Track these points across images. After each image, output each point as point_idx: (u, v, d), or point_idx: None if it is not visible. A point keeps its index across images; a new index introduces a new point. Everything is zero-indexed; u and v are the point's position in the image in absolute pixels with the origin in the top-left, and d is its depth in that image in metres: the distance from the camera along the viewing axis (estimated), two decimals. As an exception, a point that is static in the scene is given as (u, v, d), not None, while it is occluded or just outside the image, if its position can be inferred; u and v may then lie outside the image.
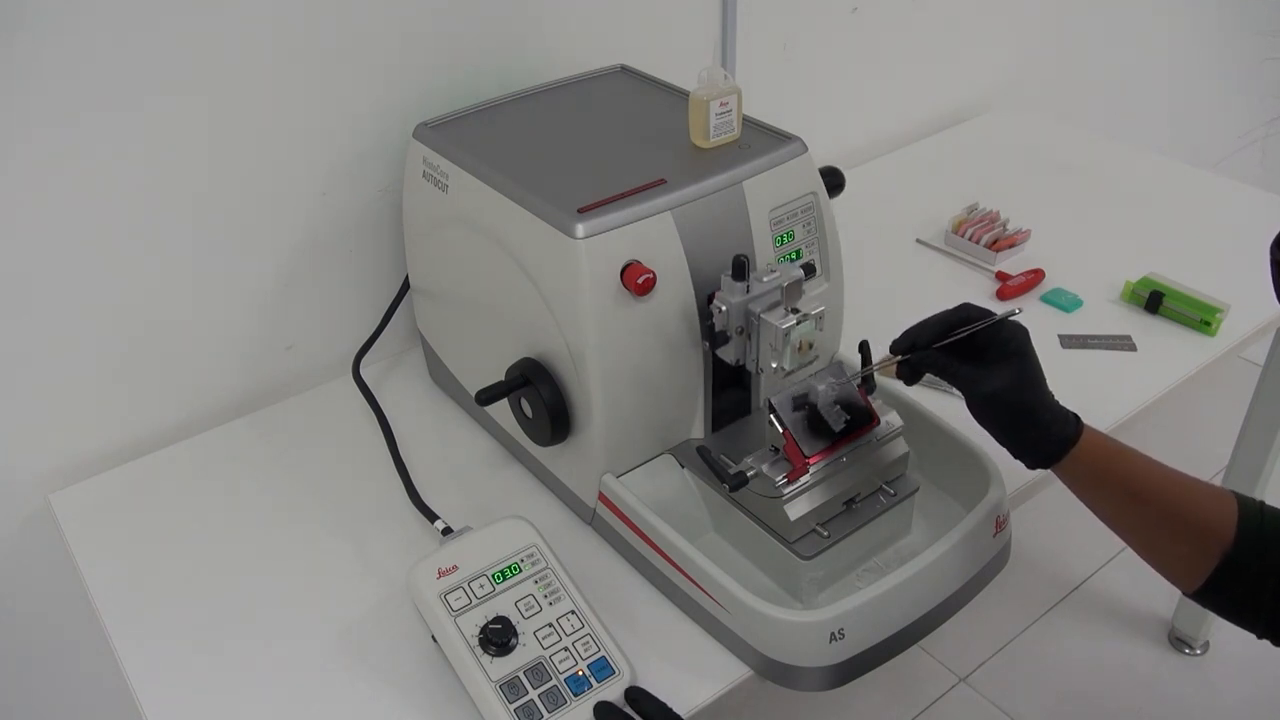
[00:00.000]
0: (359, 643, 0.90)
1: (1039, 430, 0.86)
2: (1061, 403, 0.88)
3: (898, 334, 0.91)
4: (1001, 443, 0.89)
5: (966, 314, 0.89)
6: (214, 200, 1.07)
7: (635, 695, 0.81)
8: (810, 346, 0.90)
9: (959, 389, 0.88)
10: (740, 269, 0.89)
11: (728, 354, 0.93)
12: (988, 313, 0.89)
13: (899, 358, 0.90)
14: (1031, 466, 0.89)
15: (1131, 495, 0.86)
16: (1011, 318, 0.88)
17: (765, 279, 0.91)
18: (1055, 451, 0.86)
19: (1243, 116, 2.60)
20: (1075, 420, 0.88)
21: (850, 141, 1.68)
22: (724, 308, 0.90)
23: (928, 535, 0.95)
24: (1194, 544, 0.84)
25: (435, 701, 0.85)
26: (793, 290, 0.91)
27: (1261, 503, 0.84)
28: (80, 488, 1.08)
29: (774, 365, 0.89)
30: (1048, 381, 0.88)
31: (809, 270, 0.94)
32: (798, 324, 0.88)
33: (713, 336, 0.92)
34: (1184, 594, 0.86)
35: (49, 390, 1.05)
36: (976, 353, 0.88)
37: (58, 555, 1.03)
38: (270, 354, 1.19)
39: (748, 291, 0.90)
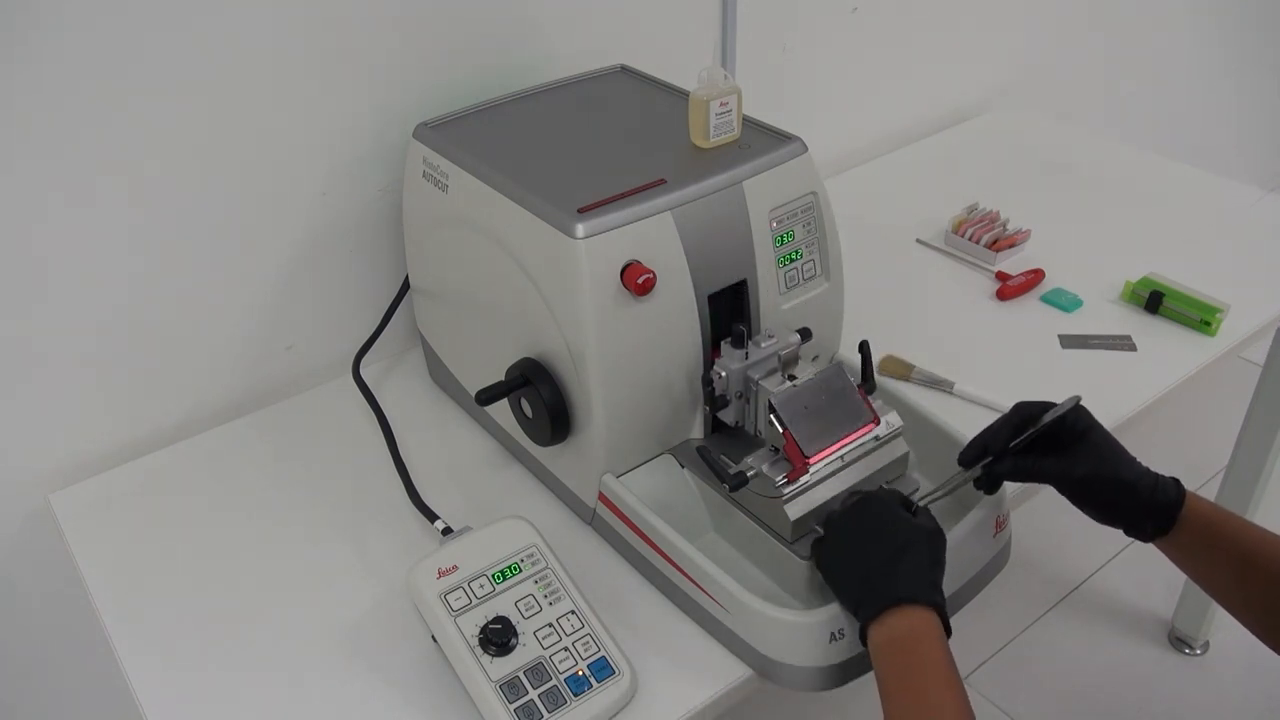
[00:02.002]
0: (359, 643, 0.90)
1: (1143, 496, 0.85)
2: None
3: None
4: (1110, 523, 0.87)
5: (1026, 412, 0.88)
6: (214, 200, 1.07)
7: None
8: None
9: (1050, 483, 0.87)
10: (740, 337, 0.92)
11: (727, 416, 0.96)
12: (1043, 405, 0.88)
13: (972, 472, 0.89)
14: (1146, 538, 0.87)
15: (1246, 563, 0.83)
16: (1074, 404, 0.87)
17: (764, 344, 0.93)
18: (1165, 516, 0.85)
19: (1243, 115, 2.60)
20: (1176, 484, 0.86)
21: (850, 141, 1.68)
22: (724, 373, 0.92)
23: (928, 535, 0.95)
24: None
25: (435, 701, 0.85)
26: (790, 357, 0.94)
27: None
28: (80, 488, 1.08)
29: None
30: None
31: (805, 335, 0.96)
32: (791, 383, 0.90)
33: (713, 401, 0.94)
34: None
35: (49, 390, 1.05)
36: (1049, 444, 0.87)
37: (58, 555, 1.03)
38: (270, 354, 1.19)
39: (746, 358, 0.92)
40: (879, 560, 0.79)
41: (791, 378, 0.91)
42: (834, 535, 0.84)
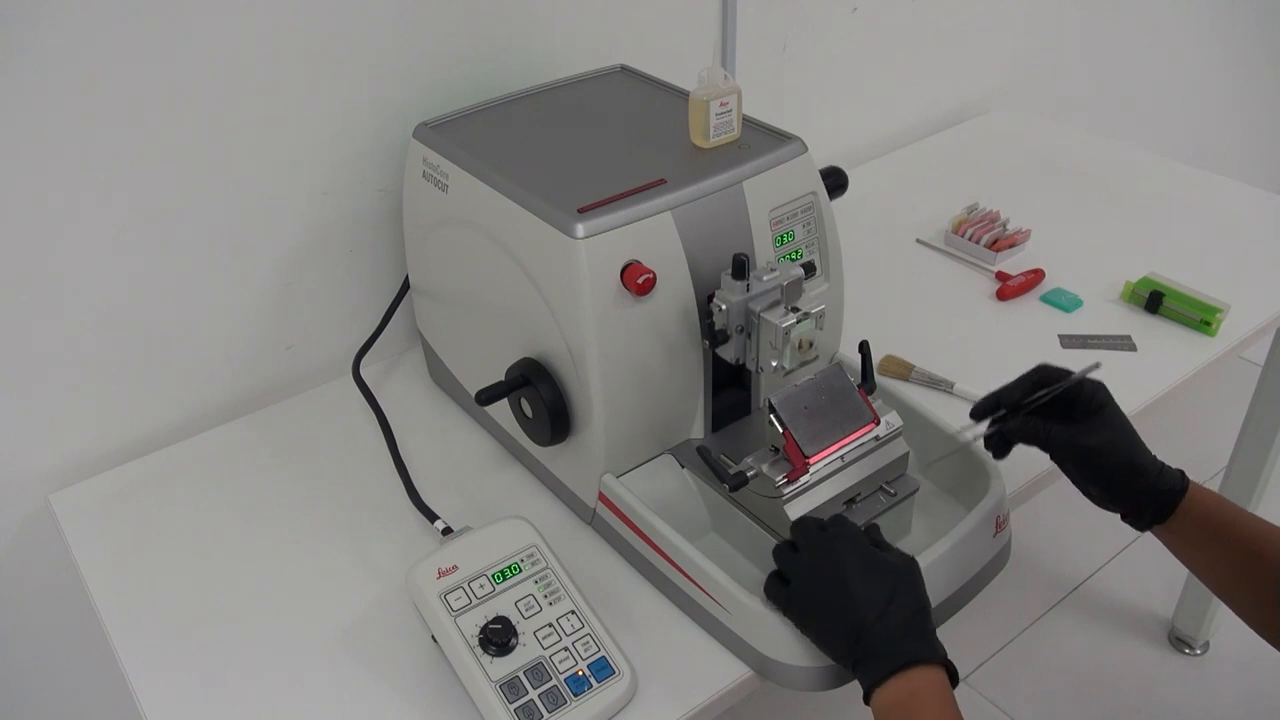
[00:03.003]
0: (359, 643, 0.90)
1: (1148, 480, 0.84)
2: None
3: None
4: (1108, 504, 0.86)
5: (1046, 374, 0.87)
6: (214, 200, 1.07)
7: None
8: (810, 345, 0.90)
9: (1055, 451, 0.86)
10: (740, 268, 0.89)
11: (727, 352, 0.93)
12: (1065, 371, 0.87)
13: (983, 426, 0.88)
14: (1144, 526, 0.86)
15: (1248, 553, 0.82)
16: (1091, 374, 0.86)
17: (765, 278, 0.91)
18: (1165, 504, 0.84)
19: (1243, 115, 2.60)
20: (1181, 474, 0.85)
21: (850, 141, 1.68)
22: (724, 306, 0.90)
23: (928, 535, 0.95)
24: None
25: (435, 701, 0.85)
26: (792, 289, 0.90)
27: None
28: (80, 488, 1.08)
29: (774, 364, 0.89)
30: None
31: (809, 269, 0.94)
32: (798, 323, 0.88)
33: (713, 335, 0.92)
34: None
35: (49, 390, 1.05)
36: (1063, 413, 0.86)
37: (58, 555, 1.03)
38: (270, 354, 1.19)
39: (748, 290, 0.90)
40: (869, 612, 0.75)
41: (795, 309, 0.89)
42: (806, 581, 0.79)
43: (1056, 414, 0.86)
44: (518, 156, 1.00)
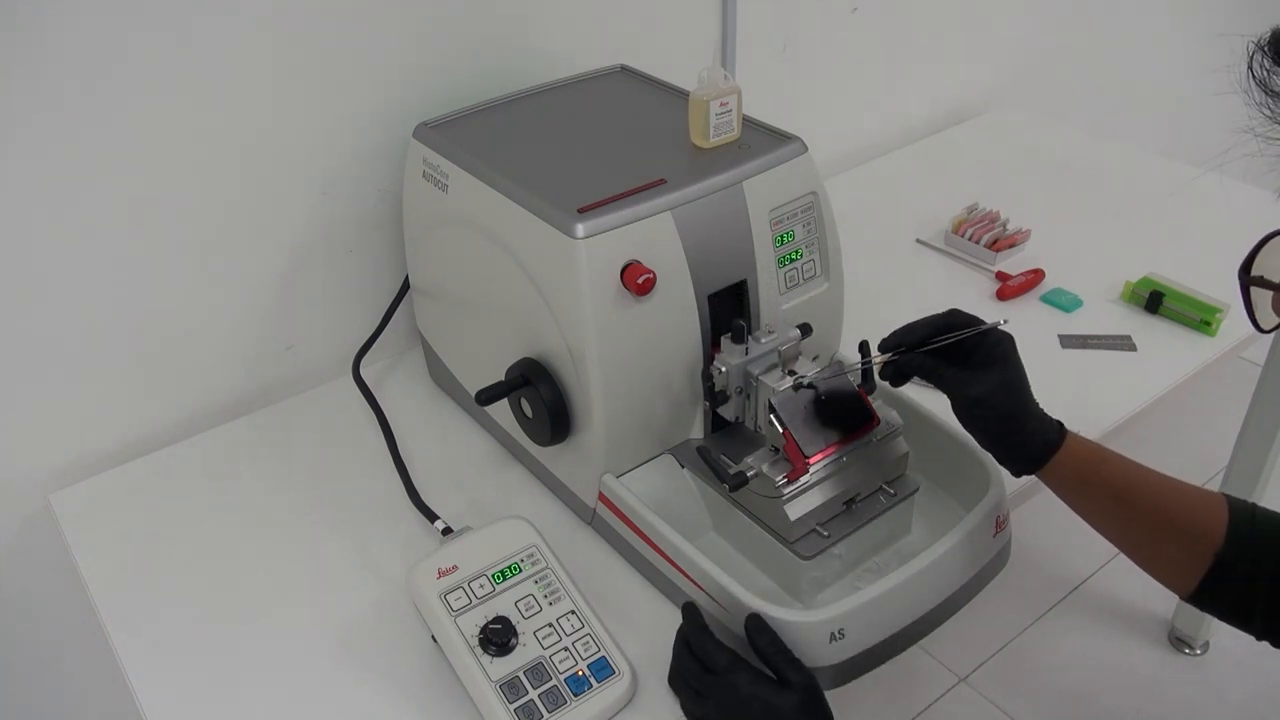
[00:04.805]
0: (359, 643, 0.90)
1: (1023, 435, 0.86)
2: (1059, 404, 0.88)
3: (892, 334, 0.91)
4: (987, 448, 0.89)
5: (954, 319, 0.89)
6: (214, 200, 1.07)
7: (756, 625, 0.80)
8: None
9: (945, 392, 0.88)
10: (739, 332, 0.91)
11: (727, 411, 0.95)
12: (975, 319, 0.89)
13: (886, 356, 0.90)
14: (1017, 473, 0.88)
15: (1120, 500, 0.86)
16: (999, 326, 0.88)
17: (764, 340, 0.93)
18: (1039, 456, 0.86)
19: (1242, 115, 2.60)
20: (1059, 427, 0.88)
21: (850, 141, 1.68)
22: (724, 369, 0.92)
23: (928, 535, 0.95)
24: (1185, 546, 0.84)
25: (435, 701, 0.85)
26: (790, 353, 0.93)
27: (1254, 505, 0.84)
28: (80, 488, 1.08)
29: None
30: (1041, 385, 0.88)
31: (805, 330, 0.96)
32: (794, 386, 0.90)
33: (713, 396, 0.94)
34: (1180, 598, 0.86)
35: (49, 390, 1.05)
36: (962, 357, 0.88)
37: (58, 555, 1.03)
38: (270, 354, 1.19)
39: (746, 354, 0.92)
40: None
41: (792, 373, 0.91)
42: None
43: (955, 357, 0.88)
44: (518, 156, 1.00)
